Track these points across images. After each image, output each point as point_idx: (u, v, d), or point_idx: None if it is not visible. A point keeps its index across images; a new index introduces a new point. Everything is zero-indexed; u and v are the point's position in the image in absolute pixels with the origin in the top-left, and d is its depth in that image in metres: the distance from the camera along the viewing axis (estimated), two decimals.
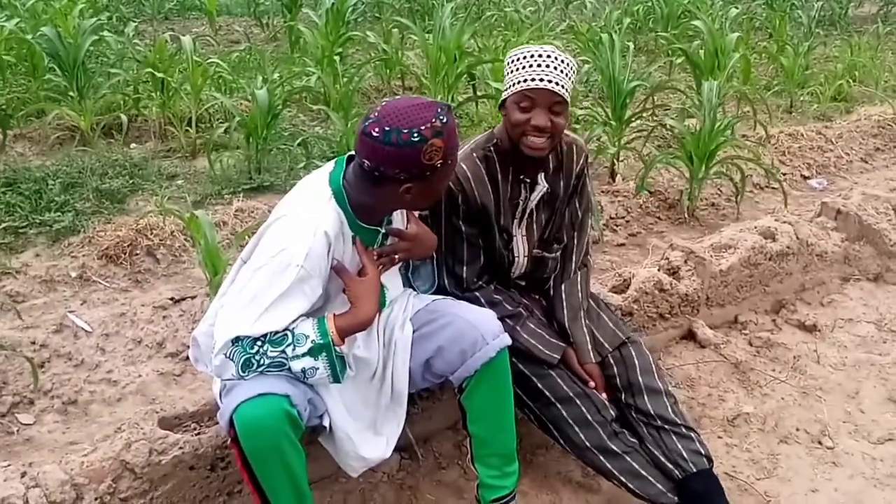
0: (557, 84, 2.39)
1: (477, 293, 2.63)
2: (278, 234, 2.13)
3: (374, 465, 2.34)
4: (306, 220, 2.13)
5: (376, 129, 2.04)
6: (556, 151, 2.67)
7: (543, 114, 2.42)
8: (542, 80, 2.39)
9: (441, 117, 2.07)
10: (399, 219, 2.41)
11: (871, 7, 12.93)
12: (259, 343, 2.03)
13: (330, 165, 2.27)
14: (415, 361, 2.33)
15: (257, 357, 2.03)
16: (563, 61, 2.41)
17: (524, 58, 2.42)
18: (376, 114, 2.08)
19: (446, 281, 2.66)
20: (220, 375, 2.14)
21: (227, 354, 2.05)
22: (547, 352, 2.61)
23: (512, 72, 2.45)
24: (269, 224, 2.20)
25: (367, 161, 2.08)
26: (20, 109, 5.44)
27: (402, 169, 2.06)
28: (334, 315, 2.13)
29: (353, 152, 2.20)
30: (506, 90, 2.48)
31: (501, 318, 2.50)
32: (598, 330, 2.76)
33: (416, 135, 2.03)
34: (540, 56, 2.40)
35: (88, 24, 5.76)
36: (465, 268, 2.63)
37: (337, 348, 2.08)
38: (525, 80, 2.40)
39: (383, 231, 2.32)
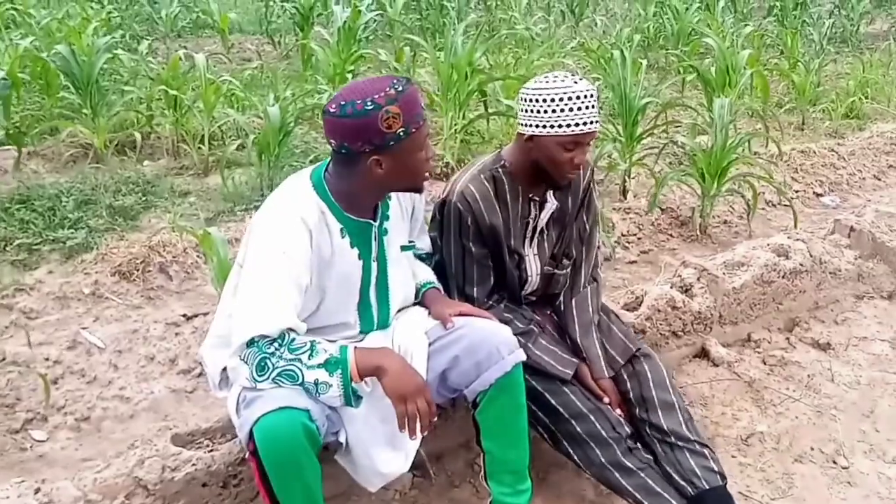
0: (599, 122, 2.44)
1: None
2: (261, 231, 2.18)
3: (392, 480, 2.34)
4: (284, 212, 2.18)
5: (333, 106, 2.09)
6: None
7: (584, 151, 2.47)
8: (592, 122, 2.42)
9: (397, 86, 2.10)
10: (398, 212, 2.43)
11: (883, 24, 12.92)
12: (276, 344, 2.06)
13: (311, 167, 2.32)
14: (431, 375, 2.32)
15: (273, 359, 2.05)
16: (595, 95, 2.43)
17: (567, 99, 2.39)
18: (336, 93, 2.14)
19: (455, 300, 2.65)
20: (234, 381, 2.16)
21: (242, 357, 2.08)
22: (560, 368, 2.60)
23: (553, 111, 2.41)
24: (253, 224, 2.24)
25: (333, 140, 2.13)
26: (34, 127, 5.47)
27: (363, 140, 2.09)
28: (356, 347, 2.16)
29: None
30: (542, 126, 2.45)
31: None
32: (610, 343, 2.75)
33: (369, 103, 2.06)
34: (583, 97, 2.40)
35: (102, 42, 5.80)
36: (475, 288, 2.64)
37: (352, 371, 2.09)
38: (577, 125, 2.41)
39: (382, 226, 2.34)
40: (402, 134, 2.11)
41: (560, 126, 2.42)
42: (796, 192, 5.59)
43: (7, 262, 3.85)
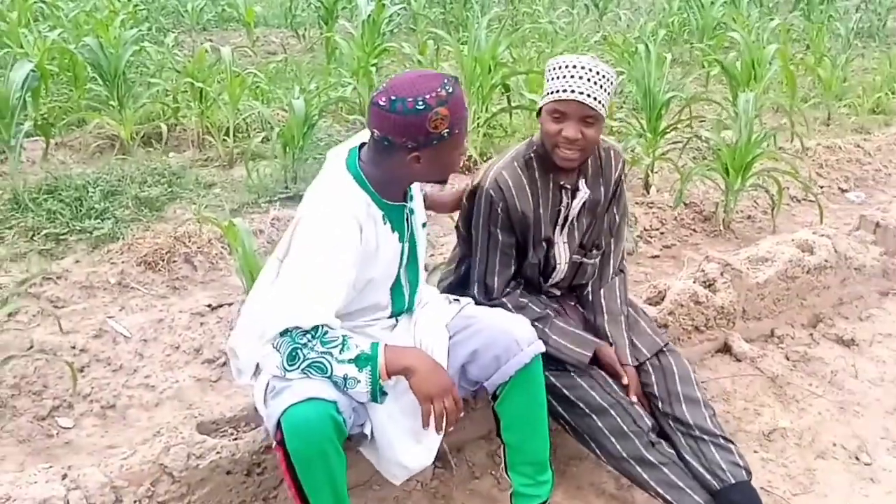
0: (590, 96, 2.39)
1: (504, 299, 2.64)
2: (310, 227, 2.18)
3: (416, 473, 2.35)
4: (334, 209, 2.18)
5: (383, 99, 2.10)
6: (594, 157, 2.68)
7: (574, 125, 2.44)
8: (573, 91, 2.39)
9: (447, 87, 2.11)
10: (417, 191, 2.45)
11: None
12: (309, 336, 2.07)
13: (341, 157, 2.31)
14: (451, 368, 2.33)
15: (304, 351, 2.06)
16: (598, 73, 2.41)
17: (561, 67, 2.43)
18: (386, 85, 2.14)
19: (475, 288, 2.67)
20: (264, 369, 2.18)
21: (275, 345, 2.10)
22: (578, 350, 2.60)
23: (548, 80, 2.46)
24: (299, 220, 2.24)
25: (376, 131, 2.14)
26: (62, 118, 5.54)
27: (409, 137, 2.11)
28: (387, 345, 2.16)
29: (361, 143, 2.29)
30: (542, 98, 2.50)
31: (531, 322, 2.52)
32: (637, 336, 2.74)
33: (420, 103, 2.07)
34: (575, 67, 2.41)
35: (129, 34, 5.86)
36: (496, 278, 2.65)
37: (381, 369, 2.09)
38: (558, 91, 2.42)
39: (409, 207, 2.36)
40: (446, 134, 2.13)
41: (549, 93, 2.45)
42: (821, 187, 5.56)
43: (35, 251, 3.90)
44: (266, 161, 5.14)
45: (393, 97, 2.09)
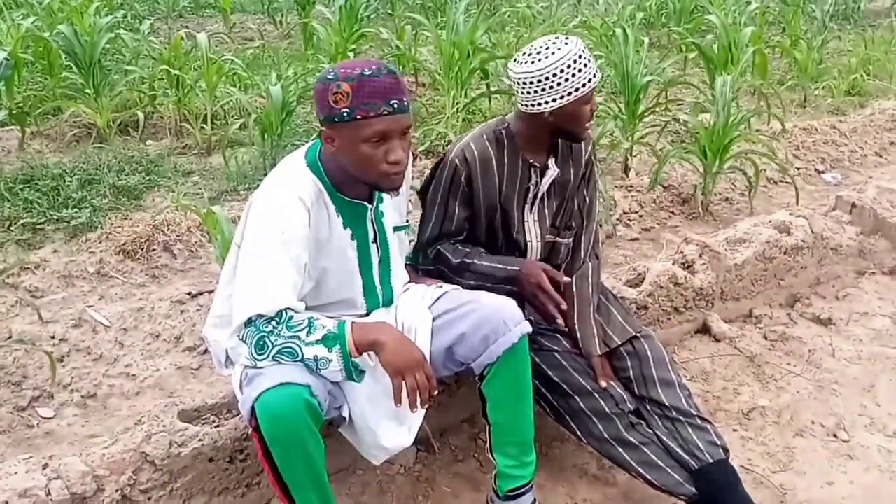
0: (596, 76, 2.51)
1: (438, 249, 2.68)
2: (259, 211, 2.18)
3: (396, 454, 2.35)
4: (282, 191, 2.18)
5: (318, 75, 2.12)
6: None
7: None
8: (597, 71, 2.50)
9: (367, 70, 2.07)
10: (389, 201, 2.42)
11: (885, 1, 12.85)
12: (274, 323, 2.06)
13: (307, 146, 2.32)
14: (436, 349, 2.33)
15: (271, 338, 2.05)
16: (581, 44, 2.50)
17: (573, 63, 2.45)
18: None
19: (418, 247, 2.72)
20: (236, 360, 2.18)
21: (241, 337, 2.09)
22: (507, 267, 2.61)
23: (567, 80, 2.45)
24: (251, 204, 2.24)
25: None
26: (37, 107, 5.48)
27: (319, 108, 2.11)
28: (354, 322, 2.15)
29: None
30: (565, 96, 2.47)
31: (460, 262, 2.61)
32: (609, 324, 2.75)
33: (331, 73, 2.08)
34: (581, 53, 2.46)
35: (104, 21, 5.80)
36: (437, 241, 2.69)
37: (350, 346, 2.08)
38: (590, 80, 2.48)
39: (378, 208, 2.35)
40: (345, 114, 2.06)
41: (579, 89, 2.46)
42: (798, 169, 5.59)
43: (12, 241, 3.87)
44: (244, 148, 5.11)
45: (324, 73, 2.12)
